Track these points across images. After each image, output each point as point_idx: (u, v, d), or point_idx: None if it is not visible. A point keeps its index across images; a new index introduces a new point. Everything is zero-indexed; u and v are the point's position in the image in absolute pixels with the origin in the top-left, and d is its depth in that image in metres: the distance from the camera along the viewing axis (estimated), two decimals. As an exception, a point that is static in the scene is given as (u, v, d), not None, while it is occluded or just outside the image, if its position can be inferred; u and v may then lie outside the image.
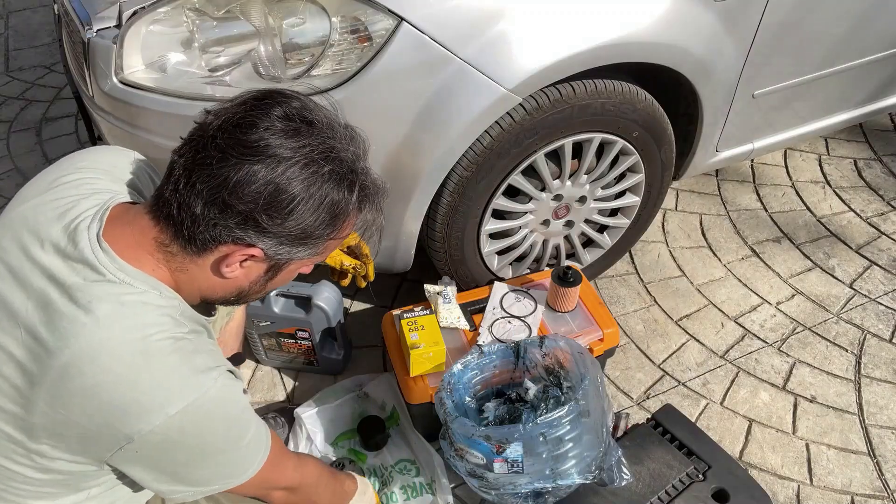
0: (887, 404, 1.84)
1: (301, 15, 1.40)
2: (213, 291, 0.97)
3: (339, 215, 0.92)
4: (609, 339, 1.71)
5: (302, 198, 0.87)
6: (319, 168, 0.87)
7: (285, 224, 0.88)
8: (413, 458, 1.65)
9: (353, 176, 0.92)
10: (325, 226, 0.91)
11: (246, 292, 1.00)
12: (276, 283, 1.01)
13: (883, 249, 2.29)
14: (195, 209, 0.86)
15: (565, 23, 1.49)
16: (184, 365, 0.88)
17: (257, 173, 0.84)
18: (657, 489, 1.43)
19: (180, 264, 0.92)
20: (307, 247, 0.93)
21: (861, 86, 2.17)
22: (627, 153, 1.80)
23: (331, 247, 0.98)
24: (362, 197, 0.94)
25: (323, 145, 0.89)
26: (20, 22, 3.50)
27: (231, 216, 0.86)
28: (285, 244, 0.91)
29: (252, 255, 0.91)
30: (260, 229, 0.87)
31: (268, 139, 0.85)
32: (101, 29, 1.48)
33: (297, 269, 1.01)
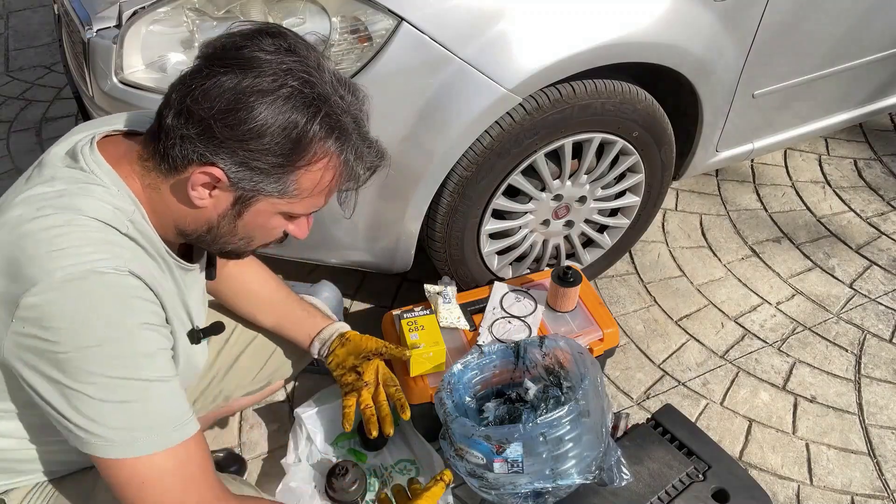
0: (887, 404, 1.84)
1: (301, 15, 1.40)
2: (184, 221, 0.94)
3: (301, 142, 0.86)
4: (609, 339, 1.71)
5: (260, 110, 0.83)
6: (286, 82, 0.84)
7: (240, 136, 0.84)
8: (413, 458, 1.64)
9: (323, 104, 0.87)
10: (284, 151, 0.86)
11: (216, 228, 0.95)
12: (247, 227, 0.95)
13: (883, 249, 2.29)
14: (167, 120, 0.87)
15: (565, 23, 1.49)
16: (96, 246, 0.84)
17: (224, 83, 0.84)
18: (657, 489, 1.43)
19: (154, 181, 0.92)
20: (270, 177, 0.88)
21: (861, 86, 2.17)
22: (627, 153, 1.80)
23: (304, 189, 0.91)
24: (331, 129, 0.88)
25: (300, 67, 0.86)
26: (20, 22, 3.50)
27: (193, 124, 0.85)
28: (246, 167, 0.87)
29: (215, 178, 0.87)
30: (217, 142, 0.85)
31: (245, 53, 0.85)
32: (101, 29, 1.48)
33: (268, 214, 0.94)
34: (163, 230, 0.96)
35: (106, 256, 0.84)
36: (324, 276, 1.98)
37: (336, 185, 0.94)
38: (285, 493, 1.53)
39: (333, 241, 1.71)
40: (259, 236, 0.99)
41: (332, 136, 0.88)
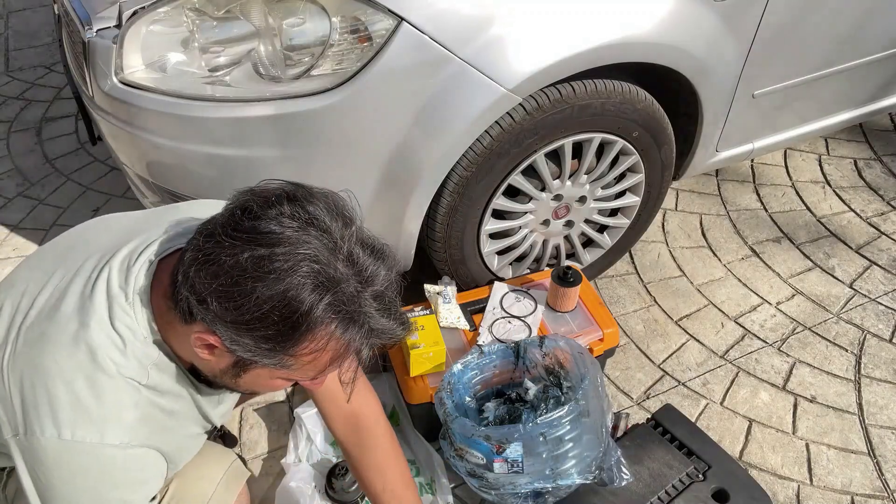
0: (887, 404, 1.84)
1: (301, 15, 1.40)
2: (197, 363, 0.96)
3: (299, 328, 0.81)
4: (609, 339, 1.71)
5: (256, 296, 0.79)
6: (293, 269, 0.79)
7: (238, 321, 0.81)
8: (413, 457, 1.65)
9: (329, 287, 0.81)
10: (282, 336, 0.82)
11: (220, 379, 0.94)
12: (247, 384, 0.94)
13: (883, 249, 2.29)
14: (178, 277, 0.85)
15: (565, 23, 1.49)
16: (111, 418, 0.89)
17: (227, 258, 0.80)
18: (657, 489, 1.43)
19: (172, 320, 0.91)
20: (266, 354, 0.84)
21: (861, 86, 2.17)
22: (627, 153, 1.80)
23: (300, 365, 0.87)
24: (334, 312, 0.82)
25: (312, 250, 0.80)
26: (20, 22, 3.50)
27: (193, 294, 0.83)
28: (244, 341, 0.83)
29: (211, 343, 0.86)
30: (215, 317, 0.82)
31: (257, 227, 0.80)
32: (101, 29, 1.48)
33: (266, 377, 0.91)
34: (186, 359, 0.98)
35: (110, 430, 0.89)
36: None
37: (336, 363, 0.89)
38: (285, 493, 1.53)
39: (333, 241, 1.71)
40: (264, 390, 1.02)
41: (335, 322, 0.83)
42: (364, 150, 1.52)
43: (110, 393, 0.89)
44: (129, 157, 1.63)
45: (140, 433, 0.92)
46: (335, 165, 1.53)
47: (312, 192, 0.86)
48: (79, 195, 2.46)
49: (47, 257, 1.03)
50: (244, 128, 1.44)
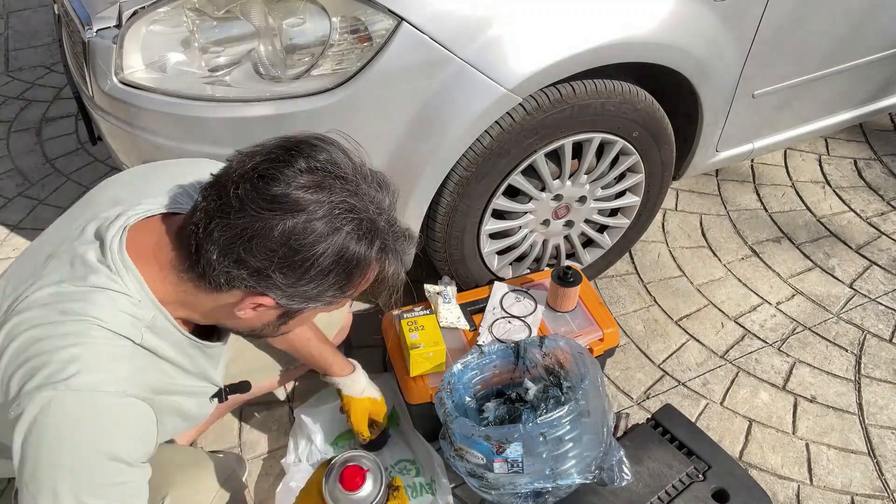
0: (887, 404, 1.84)
1: (301, 15, 1.40)
2: (222, 322, 0.98)
3: (355, 273, 0.90)
4: (609, 339, 1.71)
5: (317, 259, 0.86)
6: (339, 227, 0.86)
7: (299, 282, 0.87)
8: (413, 458, 1.65)
9: (374, 234, 0.90)
10: (339, 284, 0.90)
11: (258, 332, 0.99)
12: (290, 327, 1.00)
13: (883, 249, 2.29)
14: (211, 255, 0.86)
15: (565, 23, 1.49)
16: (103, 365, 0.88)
17: (274, 229, 0.83)
18: (657, 489, 1.43)
19: (191, 290, 0.92)
20: (320, 301, 0.92)
21: (861, 86, 2.17)
22: (627, 153, 1.80)
23: (347, 297, 0.95)
24: (382, 254, 0.92)
25: (345, 203, 0.86)
26: (20, 22, 3.50)
27: (245, 269, 0.86)
28: (298, 297, 0.90)
29: (263, 304, 0.91)
30: (273, 284, 0.87)
31: (288, 193, 0.84)
32: (101, 29, 1.48)
33: (311, 315, 0.99)
34: (192, 320, 0.99)
35: (104, 378, 0.87)
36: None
37: (370, 284, 0.97)
38: (285, 493, 1.54)
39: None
40: (295, 328, 1.05)
41: (380, 260, 0.92)
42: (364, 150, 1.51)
43: (103, 346, 0.88)
44: (129, 157, 1.63)
45: (136, 385, 0.90)
46: (335, 165, 1.53)
47: (314, 144, 0.89)
48: (79, 195, 2.46)
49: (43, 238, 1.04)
50: (244, 128, 1.44)
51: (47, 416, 0.85)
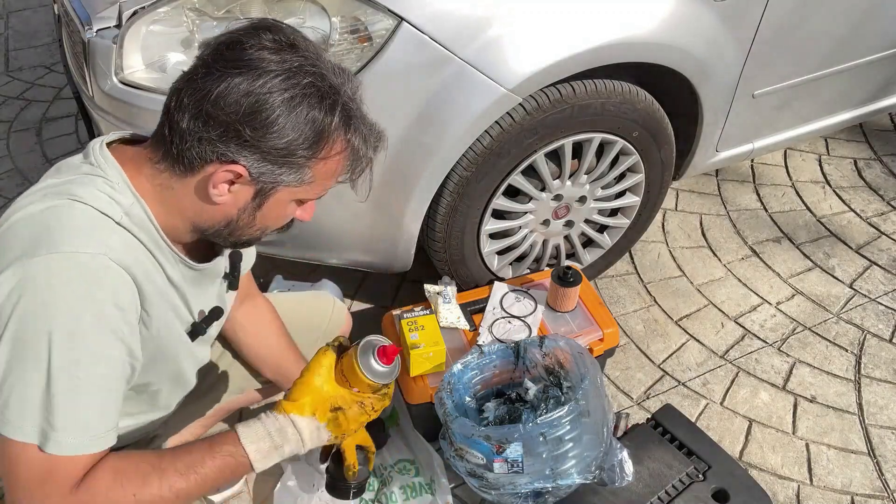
0: (887, 404, 1.84)
1: (301, 15, 1.40)
2: (201, 218, 0.97)
3: (322, 135, 0.91)
4: (609, 339, 1.71)
5: (283, 110, 0.87)
6: (300, 81, 0.88)
7: (267, 136, 0.88)
8: (412, 457, 1.65)
9: (336, 96, 0.91)
10: (308, 145, 0.90)
11: (235, 222, 0.97)
12: (266, 217, 0.99)
13: (883, 249, 2.28)
14: (182, 124, 0.88)
15: (565, 23, 1.49)
16: (81, 231, 0.87)
17: (239, 84, 0.86)
18: (657, 489, 1.43)
19: (166, 181, 0.94)
20: (292, 168, 0.92)
21: (861, 86, 2.17)
22: (627, 153, 1.80)
23: (319, 176, 0.95)
24: (346, 119, 0.92)
25: (307, 62, 0.89)
26: (20, 22, 3.50)
27: (214, 127, 0.87)
28: (268, 162, 0.90)
29: (237, 174, 0.91)
30: (242, 142, 0.88)
31: (251, 54, 0.87)
32: (101, 29, 1.48)
33: (286, 199, 0.97)
34: (173, 227, 0.98)
35: (88, 241, 0.87)
36: (324, 276, 1.98)
37: (345, 168, 0.98)
38: (283, 492, 1.54)
39: (334, 241, 1.71)
40: (274, 224, 1.02)
41: (345, 126, 0.93)
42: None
43: (81, 219, 0.88)
44: (129, 157, 1.63)
45: (116, 252, 0.89)
46: (335, 165, 1.53)
47: (279, 24, 0.93)
48: (79, 195, 2.46)
49: None
50: (244, 128, 1.44)
51: (30, 280, 0.84)
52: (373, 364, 1.00)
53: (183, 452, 0.94)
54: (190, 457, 0.94)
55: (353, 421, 1.02)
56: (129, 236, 0.92)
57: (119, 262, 0.88)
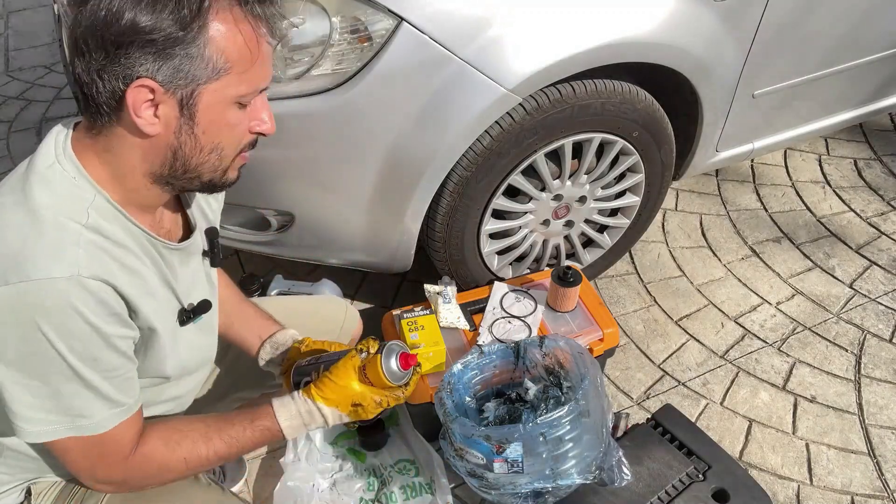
0: (887, 404, 1.84)
1: (301, 15, 1.40)
2: (150, 164, 0.92)
3: (190, 5, 0.83)
4: (609, 339, 1.71)
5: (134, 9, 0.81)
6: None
7: (133, 30, 0.82)
8: (412, 457, 1.65)
9: None
10: (183, 20, 0.83)
11: (181, 149, 0.91)
12: (208, 132, 0.92)
13: (883, 249, 2.29)
14: (81, 75, 0.86)
15: (565, 23, 1.49)
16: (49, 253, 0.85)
17: (93, 3, 0.82)
18: (657, 489, 1.43)
19: (105, 143, 0.91)
20: (192, 58, 0.85)
21: (861, 86, 2.17)
22: (627, 153, 1.80)
23: (231, 58, 0.87)
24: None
25: None
26: (20, 22, 3.50)
27: (96, 53, 0.83)
28: (163, 58, 0.84)
29: (148, 89, 0.85)
30: (124, 51, 0.83)
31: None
32: (101, 29, 1.48)
33: (217, 102, 0.90)
34: (137, 200, 0.95)
35: (57, 262, 0.85)
36: (324, 276, 1.98)
37: (257, 38, 0.89)
38: (284, 492, 1.53)
39: (333, 241, 1.71)
40: (226, 140, 0.94)
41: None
42: (364, 150, 1.52)
43: (49, 234, 0.86)
44: (129, 156, 1.63)
45: (90, 267, 0.87)
46: (335, 165, 1.53)
47: None
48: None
49: None
50: (244, 128, 1.44)
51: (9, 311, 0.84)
52: (393, 367, 1.11)
53: (226, 424, 1.06)
54: (233, 429, 1.06)
55: (370, 412, 1.12)
56: (100, 238, 0.90)
57: (93, 276, 0.87)
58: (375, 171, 1.53)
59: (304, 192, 1.60)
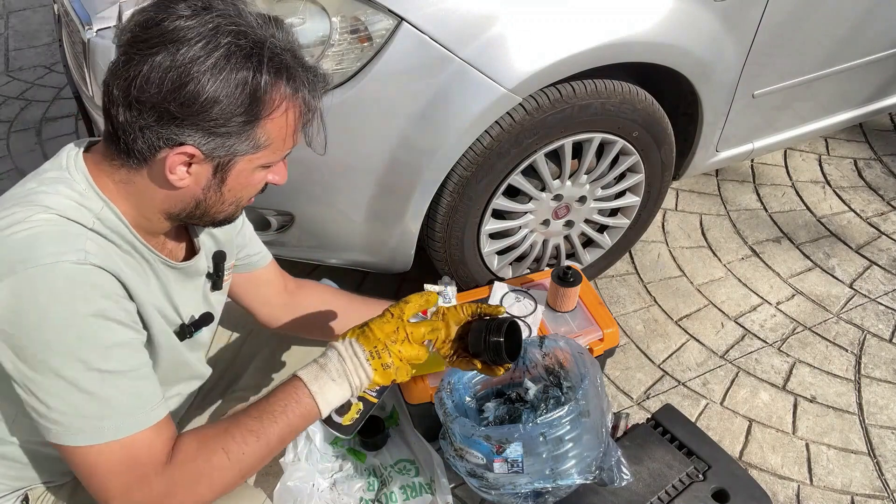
0: (887, 404, 1.84)
1: (301, 15, 1.40)
2: (170, 204, 0.95)
3: (258, 95, 0.86)
4: (609, 339, 1.71)
5: (207, 78, 0.83)
6: (220, 42, 0.83)
7: (199, 110, 0.84)
8: (412, 457, 1.64)
9: (263, 50, 0.86)
10: (244, 109, 0.86)
11: (204, 201, 0.95)
12: (234, 190, 0.95)
13: (883, 249, 2.28)
14: (119, 117, 0.86)
15: (565, 23, 1.49)
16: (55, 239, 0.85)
17: (160, 63, 0.83)
18: (657, 489, 1.43)
19: (126, 176, 0.92)
20: (240, 137, 0.88)
21: (861, 86, 2.17)
22: (627, 153, 1.80)
23: (273, 137, 0.91)
24: (279, 72, 0.87)
25: (225, 21, 0.85)
26: (20, 22, 3.50)
27: (148, 113, 0.84)
28: (214, 135, 0.87)
29: (189, 155, 0.88)
30: (178, 122, 0.85)
31: (165, 27, 0.83)
32: (101, 29, 1.48)
33: (248, 171, 0.94)
34: (146, 223, 0.96)
35: (64, 249, 0.85)
36: (324, 276, 1.98)
37: (300, 122, 0.94)
38: (283, 491, 1.53)
39: (333, 241, 1.71)
40: (247, 194, 0.99)
41: (282, 79, 0.88)
42: (364, 150, 1.52)
43: (53, 227, 0.86)
44: (129, 156, 1.63)
45: (96, 256, 0.87)
46: (335, 165, 1.53)
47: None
48: (79, 195, 2.46)
49: None
50: (244, 128, 1.44)
51: (18, 299, 0.82)
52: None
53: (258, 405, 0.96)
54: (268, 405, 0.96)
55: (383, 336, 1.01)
56: (104, 241, 0.90)
57: (100, 265, 0.87)
58: (375, 171, 1.53)
59: (304, 192, 1.60)
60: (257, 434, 0.94)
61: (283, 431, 0.96)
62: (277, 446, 0.96)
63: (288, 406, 0.96)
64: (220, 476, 0.92)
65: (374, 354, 0.99)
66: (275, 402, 0.96)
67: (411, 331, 1.01)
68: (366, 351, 0.99)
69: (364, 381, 0.99)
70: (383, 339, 0.99)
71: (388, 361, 0.99)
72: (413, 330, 1.01)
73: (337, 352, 0.99)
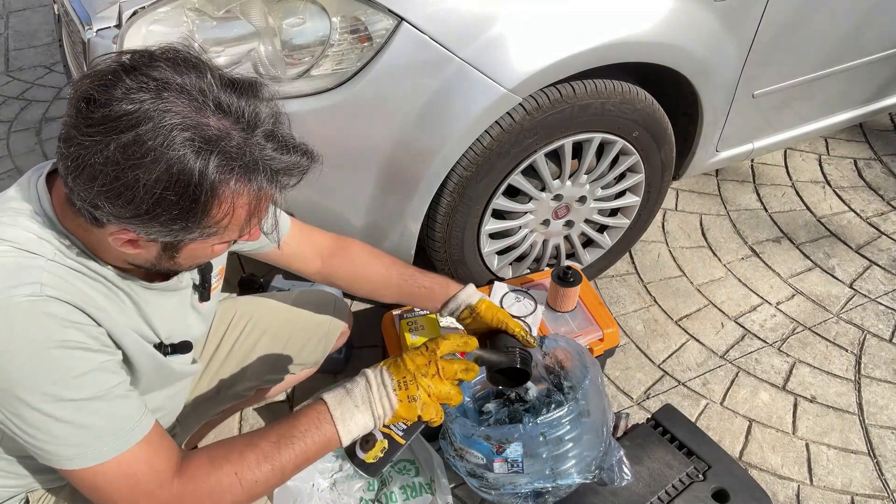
0: (887, 404, 1.84)
1: (301, 15, 1.40)
2: (131, 259, 0.91)
3: (199, 195, 0.78)
4: (609, 339, 1.71)
5: (141, 184, 0.76)
6: (170, 142, 0.75)
7: (135, 211, 0.78)
8: (413, 457, 1.64)
9: (211, 146, 0.77)
10: (186, 207, 0.79)
11: (157, 267, 0.91)
12: (188, 260, 0.91)
13: (883, 249, 2.28)
14: (68, 181, 0.81)
15: (565, 23, 1.49)
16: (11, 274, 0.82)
17: (97, 155, 0.76)
18: (657, 489, 1.43)
19: (85, 224, 0.86)
20: (184, 229, 0.82)
21: (861, 86, 2.17)
22: (627, 153, 1.80)
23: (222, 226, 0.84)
24: (227, 168, 0.78)
25: (176, 109, 0.76)
26: (20, 22, 3.50)
27: (86, 201, 0.80)
28: (156, 227, 0.81)
29: (133, 239, 0.84)
30: (113, 215, 0.79)
31: (108, 114, 0.76)
32: (101, 29, 1.48)
33: (201, 248, 0.89)
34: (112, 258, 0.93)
35: (16, 283, 0.82)
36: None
37: (258, 211, 0.86)
38: (283, 491, 1.54)
39: (333, 241, 1.71)
40: (203, 260, 0.95)
41: (233, 179, 0.80)
42: (364, 150, 1.52)
43: (9, 258, 0.83)
44: (129, 157, 1.63)
45: (53, 287, 0.84)
46: (335, 166, 1.53)
47: (152, 54, 0.80)
48: (79, 195, 2.46)
49: None
50: (244, 128, 1.44)
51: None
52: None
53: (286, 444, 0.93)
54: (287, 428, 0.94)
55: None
56: (66, 270, 0.87)
57: (56, 296, 0.84)
58: (375, 171, 1.53)
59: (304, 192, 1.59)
60: (272, 461, 0.92)
61: (300, 458, 0.94)
62: (292, 473, 0.95)
63: (308, 431, 0.94)
64: (230, 499, 0.91)
65: (401, 384, 0.97)
66: (296, 424, 0.94)
67: (443, 366, 0.99)
68: (394, 380, 0.97)
69: (387, 411, 0.97)
70: (413, 371, 0.97)
71: (416, 394, 0.96)
72: (445, 366, 0.99)
73: (366, 378, 0.98)
